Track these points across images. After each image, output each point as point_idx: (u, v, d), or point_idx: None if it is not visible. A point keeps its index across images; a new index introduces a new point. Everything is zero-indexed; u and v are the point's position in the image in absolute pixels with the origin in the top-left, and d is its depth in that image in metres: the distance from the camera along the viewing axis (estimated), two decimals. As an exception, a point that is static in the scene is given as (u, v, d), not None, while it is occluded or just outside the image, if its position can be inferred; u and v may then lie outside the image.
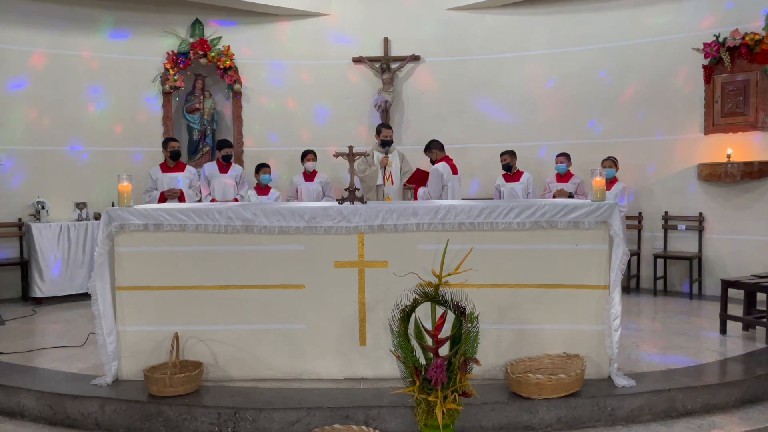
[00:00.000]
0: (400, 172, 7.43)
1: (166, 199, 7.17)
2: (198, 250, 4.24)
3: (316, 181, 7.74)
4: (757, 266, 6.86)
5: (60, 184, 7.80)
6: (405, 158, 7.60)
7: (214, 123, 8.62)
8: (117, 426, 3.80)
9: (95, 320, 4.14)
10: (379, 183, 7.32)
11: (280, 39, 8.70)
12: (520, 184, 7.72)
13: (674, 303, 6.96)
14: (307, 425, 3.65)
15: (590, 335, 4.14)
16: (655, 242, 7.84)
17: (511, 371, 3.88)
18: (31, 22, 7.64)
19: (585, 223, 4.12)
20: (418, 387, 3.37)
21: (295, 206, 4.33)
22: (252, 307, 4.25)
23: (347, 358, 4.23)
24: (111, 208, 4.26)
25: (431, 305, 3.51)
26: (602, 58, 8.09)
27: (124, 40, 8.17)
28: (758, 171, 6.95)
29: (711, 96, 7.39)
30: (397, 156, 7.50)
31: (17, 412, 3.99)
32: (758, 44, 6.91)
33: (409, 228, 4.18)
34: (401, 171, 7.48)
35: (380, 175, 7.31)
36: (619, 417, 3.80)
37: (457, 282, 3.59)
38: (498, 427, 3.72)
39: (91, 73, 8.02)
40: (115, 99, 8.15)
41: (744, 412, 3.93)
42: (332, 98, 8.79)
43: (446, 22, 8.67)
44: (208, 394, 3.93)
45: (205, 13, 8.43)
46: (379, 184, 7.32)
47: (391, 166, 7.36)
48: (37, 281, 7.11)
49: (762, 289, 5.27)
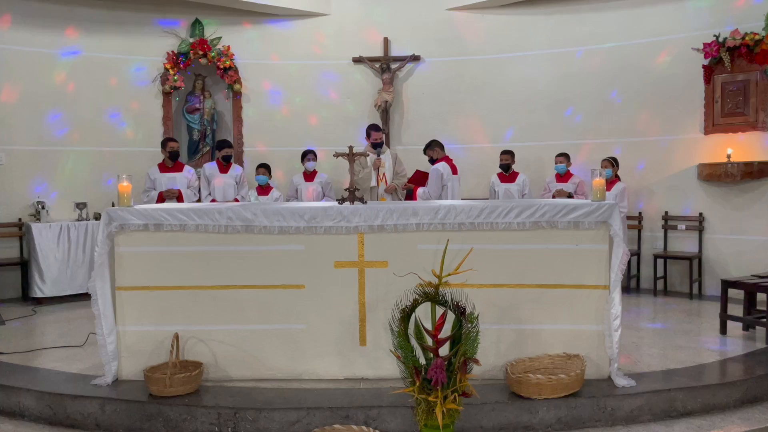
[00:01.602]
0: (392, 172, 7.41)
1: (164, 199, 7.17)
2: (198, 250, 4.23)
3: (316, 181, 7.74)
4: (758, 266, 6.86)
5: (60, 184, 7.81)
6: (398, 158, 7.56)
7: (214, 123, 8.62)
8: (117, 426, 3.80)
9: (95, 320, 4.14)
10: (373, 185, 7.31)
11: (280, 39, 8.70)
12: (515, 185, 7.72)
13: (674, 303, 6.96)
14: (307, 425, 3.65)
15: (590, 335, 4.14)
16: (655, 242, 7.85)
17: (511, 371, 3.88)
18: (30, 22, 7.64)
19: (585, 223, 4.12)
20: (418, 387, 3.36)
21: (295, 206, 4.33)
22: (252, 307, 4.24)
23: (347, 358, 4.23)
24: (111, 208, 4.26)
25: (431, 305, 3.50)
26: (602, 58, 8.09)
27: (124, 39, 8.17)
28: (758, 171, 6.95)
29: (711, 96, 7.39)
30: (389, 156, 7.46)
31: (17, 412, 3.99)
32: (758, 44, 6.91)
33: (409, 228, 4.18)
34: (393, 171, 7.45)
35: (374, 176, 7.30)
36: (619, 417, 3.80)
37: (457, 282, 3.59)
38: (498, 427, 3.71)
39: (91, 73, 8.01)
40: (115, 99, 8.15)
41: (744, 412, 3.93)
42: (332, 98, 8.80)
43: (446, 22, 8.67)
44: (208, 394, 3.93)
45: (205, 13, 8.43)
46: (373, 185, 7.31)
47: (384, 166, 7.34)
48: (37, 281, 7.11)
49: (762, 289, 5.27)
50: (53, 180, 7.77)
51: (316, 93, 8.78)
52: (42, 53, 7.72)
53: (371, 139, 7.38)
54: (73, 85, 7.92)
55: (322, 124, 8.76)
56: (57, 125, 7.83)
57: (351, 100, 8.80)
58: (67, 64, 7.89)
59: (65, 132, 7.88)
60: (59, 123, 7.84)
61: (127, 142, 8.22)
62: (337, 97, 8.80)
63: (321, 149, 8.00)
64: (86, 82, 7.99)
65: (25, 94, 7.63)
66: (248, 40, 8.63)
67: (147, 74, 8.28)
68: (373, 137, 7.35)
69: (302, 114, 8.76)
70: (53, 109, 7.80)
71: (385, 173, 7.33)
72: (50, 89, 7.78)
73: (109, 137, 8.12)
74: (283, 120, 8.74)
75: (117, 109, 8.17)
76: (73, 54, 7.92)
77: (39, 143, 7.71)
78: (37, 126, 7.72)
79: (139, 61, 8.25)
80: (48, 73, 7.78)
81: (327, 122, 8.76)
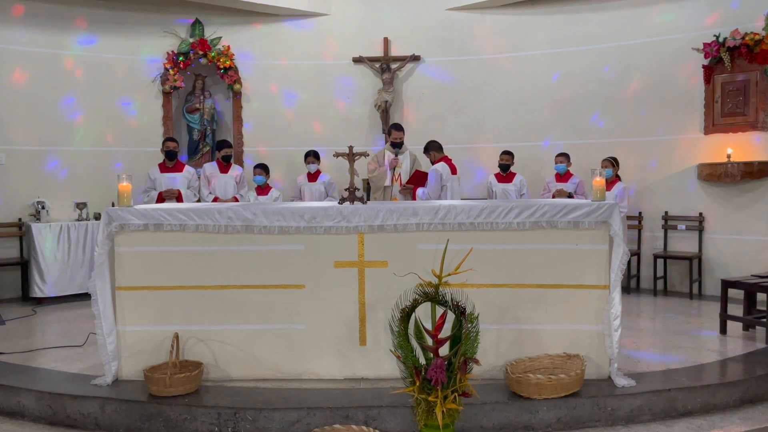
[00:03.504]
0: (409, 173, 7.35)
1: (164, 199, 7.17)
2: (198, 250, 4.23)
3: (319, 181, 7.73)
4: (757, 266, 6.86)
5: (60, 184, 7.81)
6: (417, 160, 7.48)
7: (214, 123, 8.62)
8: (117, 426, 3.80)
9: (95, 320, 4.14)
10: (387, 184, 7.29)
11: (280, 39, 8.70)
12: (512, 185, 7.71)
13: (674, 303, 6.96)
14: (307, 425, 3.65)
15: (590, 335, 4.14)
16: (655, 242, 7.85)
17: (511, 371, 3.88)
18: (30, 22, 7.64)
19: (585, 223, 4.12)
20: (418, 387, 3.37)
21: (295, 206, 4.33)
22: (252, 307, 4.24)
23: (347, 358, 4.23)
24: (111, 208, 4.26)
25: (431, 305, 3.51)
26: (602, 58, 8.09)
27: (124, 39, 8.17)
28: (758, 171, 6.95)
29: (711, 96, 7.39)
30: (408, 157, 7.36)
31: (17, 412, 3.99)
32: (758, 44, 6.91)
33: (409, 228, 4.18)
34: (411, 173, 7.40)
35: (389, 176, 7.28)
36: (619, 417, 3.80)
37: (457, 282, 3.59)
38: (498, 427, 3.71)
39: (92, 73, 8.01)
40: (116, 99, 8.15)
41: (744, 412, 3.93)
42: (332, 98, 8.80)
43: (446, 22, 8.67)
44: (208, 394, 3.93)
45: (205, 13, 8.43)
46: (387, 185, 7.29)
47: (401, 167, 7.32)
48: (37, 281, 7.11)
49: (762, 289, 5.27)
50: (53, 180, 7.76)
51: (316, 93, 8.77)
52: (42, 53, 7.71)
53: (391, 137, 7.34)
54: (73, 84, 7.91)
55: (322, 124, 8.76)
56: (57, 125, 7.83)
57: (351, 100, 8.80)
58: (70, 63, 7.88)
59: (62, 133, 7.86)
60: (59, 123, 7.84)
61: (127, 142, 8.21)
62: (337, 97, 8.80)
63: (321, 149, 8.00)
64: (86, 82, 7.98)
65: (25, 93, 7.62)
66: (248, 40, 8.63)
67: (147, 74, 8.27)
68: (393, 136, 7.32)
69: (302, 114, 8.75)
70: (53, 109, 7.80)
71: (401, 174, 7.30)
72: (49, 89, 7.77)
73: (109, 137, 8.11)
74: (283, 120, 8.73)
75: (117, 109, 8.16)
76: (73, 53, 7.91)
77: (39, 143, 7.71)
78: (37, 126, 7.71)
79: (139, 61, 8.24)
80: (48, 73, 7.76)
81: (327, 122, 8.75)
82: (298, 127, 8.72)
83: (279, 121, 8.72)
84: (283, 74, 8.73)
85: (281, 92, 8.74)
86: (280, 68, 8.72)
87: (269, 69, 8.70)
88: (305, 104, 8.76)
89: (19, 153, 7.60)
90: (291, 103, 8.75)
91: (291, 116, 8.75)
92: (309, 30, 8.73)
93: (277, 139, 8.68)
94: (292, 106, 8.76)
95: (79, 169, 7.93)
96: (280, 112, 8.74)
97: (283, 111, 8.75)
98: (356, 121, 8.73)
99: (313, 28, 8.73)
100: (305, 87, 8.75)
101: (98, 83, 8.04)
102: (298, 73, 8.73)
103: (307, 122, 8.76)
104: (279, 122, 8.72)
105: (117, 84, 8.15)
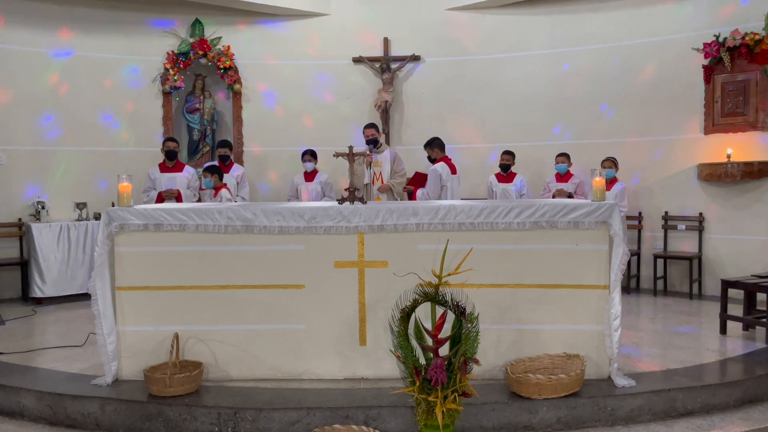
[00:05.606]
0: (390, 171, 7.34)
1: (164, 199, 7.17)
2: (198, 250, 4.23)
3: (316, 180, 7.73)
4: (757, 266, 6.86)
5: (60, 184, 7.81)
6: (398, 157, 7.43)
7: (214, 123, 8.62)
8: (117, 426, 3.80)
9: (95, 320, 4.14)
10: (367, 182, 7.29)
11: (280, 39, 8.70)
12: (513, 185, 7.72)
13: (674, 303, 6.96)
14: (307, 425, 3.65)
15: (590, 335, 4.14)
16: (655, 242, 7.85)
17: (511, 371, 3.88)
18: (30, 22, 7.64)
19: (585, 223, 4.12)
20: (418, 387, 3.37)
21: (295, 206, 4.33)
22: (252, 307, 4.24)
23: (347, 358, 4.23)
24: (111, 208, 4.26)
25: (431, 305, 3.51)
26: (602, 58, 8.09)
27: (124, 39, 8.17)
28: (758, 171, 6.95)
29: (711, 96, 7.39)
30: (387, 155, 7.37)
31: (17, 412, 3.99)
32: (758, 44, 6.91)
33: (409, 228, 4.18)
34: (391, 170, 7.38)
35: (367, 174, 7.28)
36: (619, 417, 3.80)
37: (457, 282, 3.59)
38: (498, 427, 3.72)
39: (92, 73, 8.01)
40: (116, 99, 8.15)
41: (744, 412, 3.93)
42: (332, 98, 8.80)
43: (446, 22, 8.67)
44: (208, 394, 3.93)
45: (206, 13, 8.43)
46: (366, 182, 7.29)
47: (380, 166, 7.30)
48: (37, 281, 7.11)
49: (762, 289, 5.27)
50: (53, 180, 7.76)
51: (316, 93, 8.77)
52: (39, 53, 7.71)
53: (364, 136, 7.37)
54: (73, 84, 7.90)
55: (322, 124, 8.75)
56: (57, 125, 7.83)
57: (351, 100, 8.80)
58: (64, 64, 7.87)
59: (62, 133, 7.86)
60: (59, 123, 7.83)
61: (127, 142, 8.22)
62: (337, 97, 8.80)
63: (320, 149, 7.99)
64: (86, 82, 7.98)
65: (24, 94, 7.62)
66: (248, 40, 8.63)
67: (147, 74, 8.28)
68: (365, 134, 7.32)
69: (302, 114, 8.76)
70: (53, 109, 7.79)
71: (381, 172, 7.29)
72: (49, 89, 7.77)
73: (108, 137, 8.12)
74: (283, 120, 8.73)
75: (117, 109, 8.16)
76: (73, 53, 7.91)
77: (39, 143, 7.71)
78: (35, 126, 7.71)
79: (139, 61, 8.24)
80: (46, 73, 7.76)
81: (327, 122, 8.75)
82: (298, 126, 8.72)
83: (279, 120, 8.72)
84: (283, 74, 8.72)
85: (281, 92, 8.74)
86: (280, 68, 8.72)
87: (269, 69, 8.70)
88: (305, 104, 8.75)
89: (19, 153, 7.60)
90: (291, 102, 8.75)
91: (291, 116, 8.74)
92: (309, 30, 8.73)
93: (277, 139, 8.68)
94: (292, 106, 8.75)
95: (79, 169, 7.93)
96: (280, 112, 8.73)
97: (283, 111, 8.74)
98: (356, 121, 8.72)
99: (313, 29, 8.73)
100: (305, 87, 8.75)
101: (98, 83, 8.04)
102: (298, 73, 8.73)
103: (307, 122, 8.76)
104: (279, 122, 8.72)
105: (117, 84, 8.15)
